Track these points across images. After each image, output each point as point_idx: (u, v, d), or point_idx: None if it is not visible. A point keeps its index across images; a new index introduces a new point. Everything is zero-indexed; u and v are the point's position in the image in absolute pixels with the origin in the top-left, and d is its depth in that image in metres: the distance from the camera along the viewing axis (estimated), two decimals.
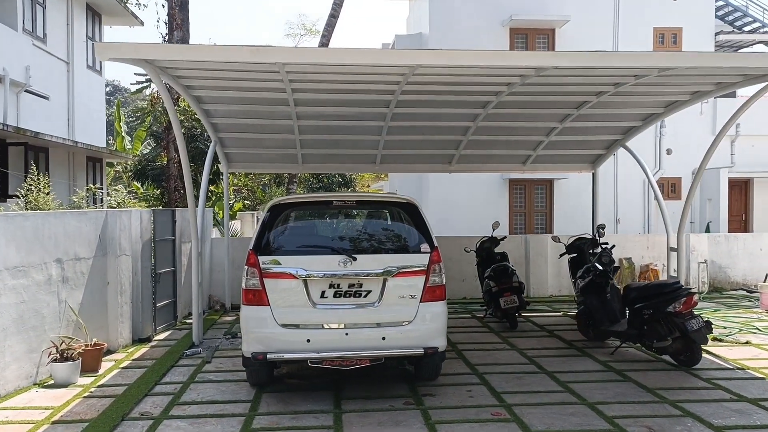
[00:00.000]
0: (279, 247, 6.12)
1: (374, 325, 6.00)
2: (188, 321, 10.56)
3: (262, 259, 6.01)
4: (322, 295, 5.98)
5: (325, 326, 5.98)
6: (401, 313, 6.04)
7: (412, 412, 5.86)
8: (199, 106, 9.20)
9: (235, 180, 26.28)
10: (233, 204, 24.72)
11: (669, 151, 17.51)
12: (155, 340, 9.09)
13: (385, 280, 6.02)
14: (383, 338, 5.96)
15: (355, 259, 5.96)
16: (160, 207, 14.88)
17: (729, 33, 19.23)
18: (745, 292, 13.10)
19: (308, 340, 5.91)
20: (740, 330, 9.24)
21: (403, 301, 6.05)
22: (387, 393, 6.41)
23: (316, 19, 59.55)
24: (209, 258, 11.92)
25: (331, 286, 5.98)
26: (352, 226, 6.72)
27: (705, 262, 13.35)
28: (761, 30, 19.81)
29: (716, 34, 18.29)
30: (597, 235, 9.08)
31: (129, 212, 8.86)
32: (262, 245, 6.10)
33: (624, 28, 17.49)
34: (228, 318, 10.88)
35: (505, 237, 10.92)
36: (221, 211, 20.34)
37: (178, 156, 9.82)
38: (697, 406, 5.94)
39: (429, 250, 6.16)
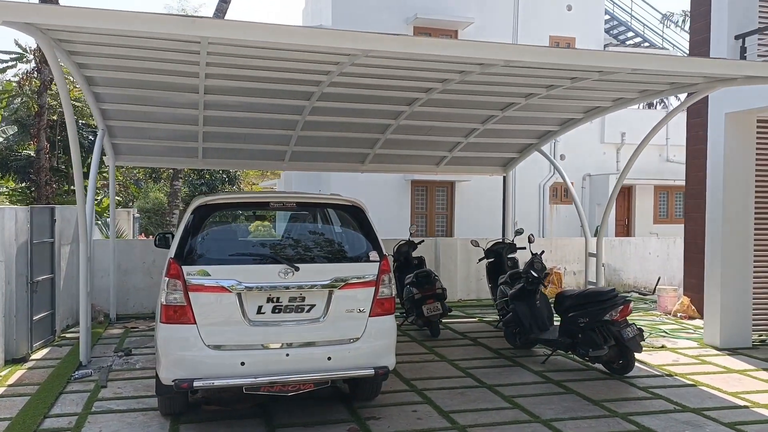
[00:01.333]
0: (207, 255, 5.25)
1: (319, 344, 5.29)
2: (69, 335, 9.24)
3: (186, 269, 5.13)
4: (259, 311, 5.20)
5: (263, 346, 5.19)
6: (348, 330, 5.38)
7: None
8: (90, 88, 8.00)
9: (105, 174, 24.25)
10: (100, 200, 22.76)
11: (563, 157, 18.02)
12: (33, 360, 7.78)
13: (330, 293, 5.33)
14: (329, 358, 5.27)
15: (297, 269, 5.23)
16: (29, 204, 13.14)
17: (616, 46, 20.15)
18: (637, 295, 13.60)
19: (242, 363, 5.10)
20: (650, 334, 9.40)
21: (351, 315, 5.40)
22: (325, 417, 5.73)
23: (199, 5, 56.52)
24: (87, 262, 10.54)
25: (269, 300, 5.21)
26: (291, 231, 5.95)
27: (603, 265, 13.70)
28: (643, 45, 20.97)
29: (605, 46, 19.07)
30: (528, 241, 8.89)
31: (1, 210, 7.50)
32: (186, 253, 5.21)
33: (522, 34, 17.77)
34: (115, 331, 9.65)
35: (423, 240, 10.52)
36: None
37: (51, 145, 8.60)
38: (647, 420, 5.78)
39: (378, 258, 5.55)
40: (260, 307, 5.19)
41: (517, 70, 6.85)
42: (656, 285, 10.40)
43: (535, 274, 7.99)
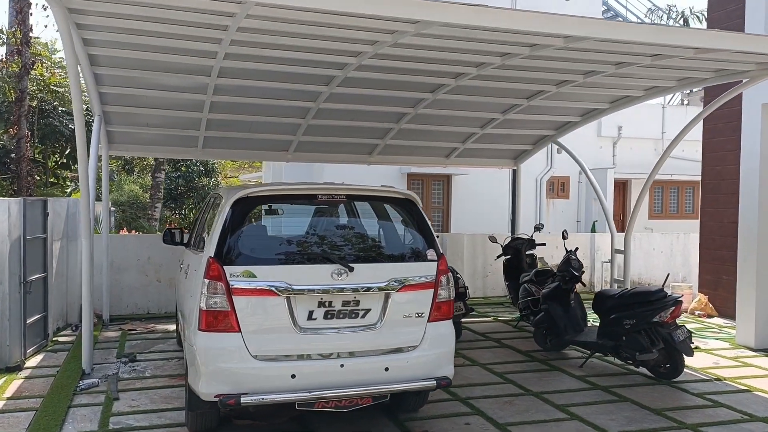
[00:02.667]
0: (252, 255, 4.65)
1: (375, 353, 4.75)
2: (62, 339, 8.51)
3: (229, 270, 4.52)
4: (310, 317, 4.62)
5: (315, 356, 4.62)
6: (407, 337, 4.84)
7: None
8: (91, 69, 7.27)
9: (74, 166, 23.19)
10: (70, 192, 21.73)
11: (559, 150, 17.64)
12: (28, 368, 7.07)
13: (387, 296, 4.78)
14: (386, 369, 4.73)
15: (351, 269, 4.66)
16: (9, 196, 12.25)
17: None
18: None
19: (293, 376, 4.53)
20: None
21: (409, 321, 4.86)
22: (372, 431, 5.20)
23: None
24: (79, 259, 9.79)
25: (320, 304, 4.64)
26: (342, 226, 5.37)
27: (609, 261, 13.38)
28: None
29: None
30: (562, 238, 8.45)
31: None
32: (228, 252, 4.59)
33: None
34: (111, 333, 8.93)
35: (438, 236, 10.02)
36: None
37: (32, 133, 7.81)
38: (723, 430, 5.37)
39: (436, 257, 5.02)
40: (311, 313, 4.62)
41: (565, 52, 6.37)
42: (665, 282, 10.04)
43: (576, 273, 7.55)
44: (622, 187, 18.66)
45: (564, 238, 8.35)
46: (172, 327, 9.27)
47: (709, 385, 6.70)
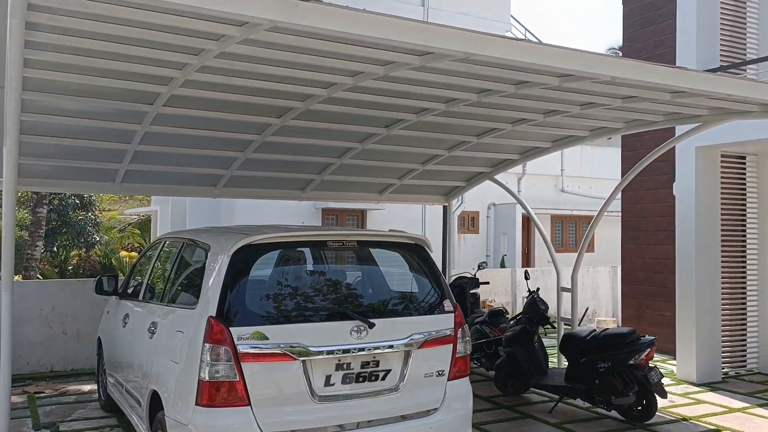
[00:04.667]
0: (261, 313, 4.00)
1: (396, 419, 4.25)
2: None
3: (236, 332, 3.84)
4: (328, 382, 4.04)
5: (334, 428, 4.02)
6: (428, 398, 4.38)
7: None
8: (21, 93, 6.22)
9: None
10: None
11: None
12: None
13: (407, 354, 4.30)
14: None
15: (372, 325, 4.14)
16: None
17: None
18: (564, 325, 13.56)
19: None
20: None
21: (429, 381, 4.40)
22: None
23: None
24: None
25: (338, 366, 4.07)
26: (354, 277, 4.81)
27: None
28: None
29: None
30: (525, 278, 8.30)
31: None
32: (231, 310, 3.92)
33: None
34: (14, 398, 7.58)
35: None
36: None
37: None
38: None
39: (452, 308, 4.61)
40: (329, 377, 4.04)
41: (538, 91, 6.27)
42: (583, 316, 10.25)
43: (546, 315, 7.40)
44: (526, 223, 19.22)
45: (526, 278, 8.22)
46: (87, 387, 8.17)
47: (680, 427, 6.74)
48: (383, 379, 4.21)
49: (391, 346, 4.20)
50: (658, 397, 6.72)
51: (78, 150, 7.89)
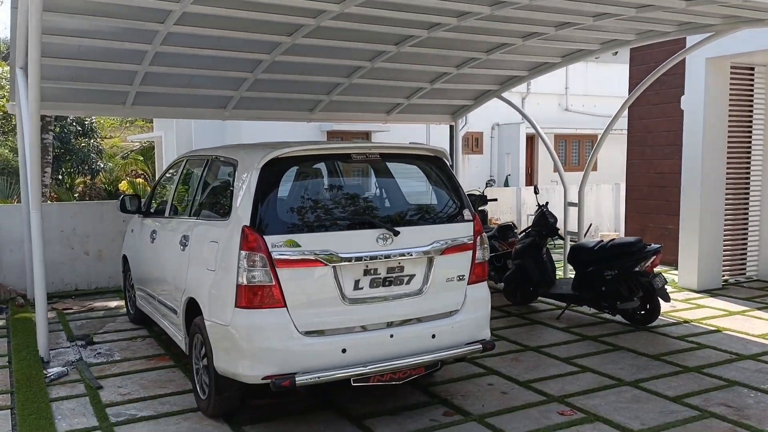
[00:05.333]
0: (292, 222, 4.20)
1: (422, 320, 4.51)
2: None
3: (270, 239, 4.06)
4: (357, 286, 4.29)
5: (364, 328, 4.30)
6: (449, 301, 4.65)
7: (469, 424, 4.57)
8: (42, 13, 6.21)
9: None
10: None
11: None
12: None
13: (431, 260, 4.53)
14: (433, 336, 4.51)
15: (397, 233, 4.35)
16: None
17: None
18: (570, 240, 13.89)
19: (344, 350, 4.20)
20: None
21: (451, 285, 4.65)
22: (404, 402, 4.97)
23: None
24: None
25: (366, 272, 4.31)
26: (378, 187, 4.98)
27: (534, 214, 13.81)
28: None
29: None
30: (534, 192, 8.48)
31: None
32: (264, 220, 4.12)
33: None
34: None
35: None
36: None
37: None
38: (723, 371, 5.66)
39: (471, 217, 4.82)
40: (357, 282, 4.28)
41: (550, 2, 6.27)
42: (587, 231, 10.50)
43: (556, 227, 7.64)
44: (530, 142, 19.27)
45: (536, 193, 8.41)
46: (113, 303, 8.51)
47: (681, 329, 7.07)
48: (408, 283, 4.46)
49: (414, 253, 4.42)
50: (661, 302, 7.04)
51: (90, 72, 7.94)
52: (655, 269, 7.00)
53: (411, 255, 4.40)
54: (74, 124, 23.43)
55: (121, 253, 7.61)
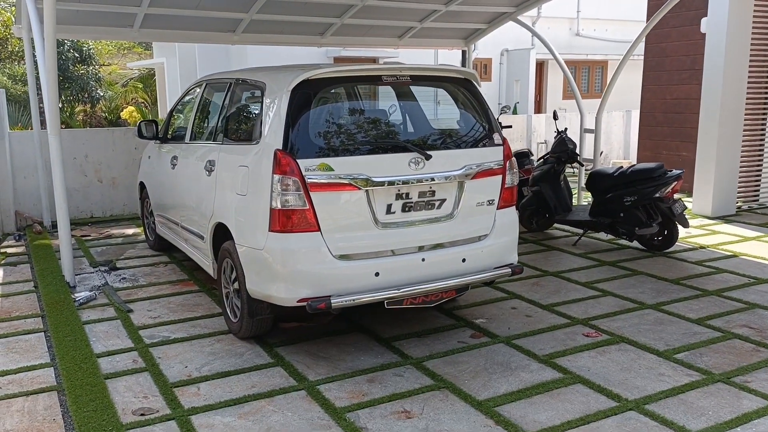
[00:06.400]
0: (324, 146, 4.14)
1: (452, 244, 4.52)
2: (10, 250, 7.56)
3: (303, 163, 4.02)
4: (389, 210, 4.28)
5: (397, 252, 4.32)
6: (479, 225, 4.65)
7: (496, 346, 4.66)
8: None
9: None
10: None
11: None
12: None
13: (461, 184, 4.51)
14: (463, 260, 4.54)
15: (429, 157, 4.31)
16: None
17: None
18: (572, 170, 13.85)
19: (377, 274, 4.23)
20: None
21: (480, 209, 4.64)
22: (430, 325, 5.06)
23: None
24: (9, 159, 8.59)
25: (398, 196, 4.29)
26: (408, 111, 4.90)
27: (545, 142, 13.74)
28: None
29: None
30: (553, 118, 8.34)
31: None
32: (296, 143, 4.07)
33: None
34: None
35: None
36: None
37: None
38: (742, 294, 5.74)
39: (501, 141, 4.76)
40: (390, 206, 4.27)
41: None
42: (599, 158, 10.44)
43: (576, 153, 7.58)
44: (539, 69, 18.92)
45: (555, 118, 8.30)
46: (130, 231, 8.55)
47: (698, 254, 7.13)
48: (439, 207, 4.45)
49: (446, 177, 4.38)
50: (679, 228, 7.07)
51: None
52: (675, 195, 6.98)
53: (443, 179, 4.37)
54: (72, 50, 22.95)
55: (138, 180, 7.57)
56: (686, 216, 7.05)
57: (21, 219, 8.69)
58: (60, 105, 23.37)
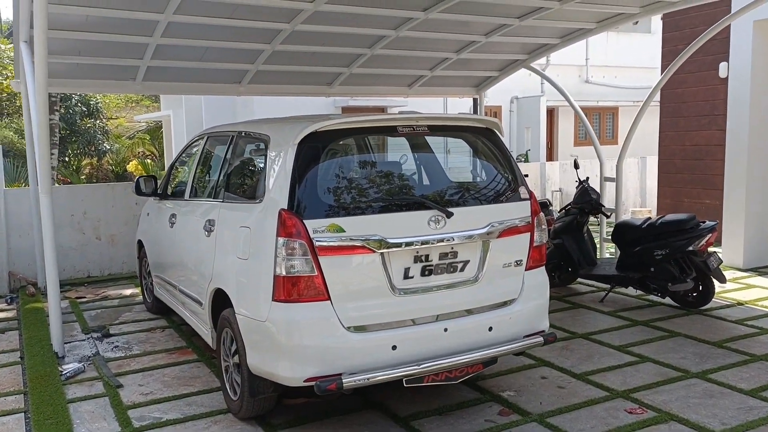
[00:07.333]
0: (334, 204, 3.72)
1: (477, 311, 4.05)
2: None
3: (311, 224, 3.59)
4: (406, 275, 3.82)
5: (416, 322, 3.85)
6: (506, 288, 4.18)
7: (529, 426, 4.13)
8: None
9: None
10: None
11: None
12: None
13: (486, 244, 4.06)
14: (490, 328, 4.06)
15: (450, 214, 3.88)
16: None
17: None
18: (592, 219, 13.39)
19: (394, 347, 3.74)
20: None
21: (507, 271, 4.18)
22: (454, 400, 4.54)
23: None
24: (3, 217, 8.24)
25: (417, 259, 3.84)
26: (427, 164, 4.50)
27: (559, 190, 13.34)
28: None
29: None
30: (574, 167, 7.95)
31: None
32: (303, 202, 3.65)
33: None
34: None
35: None
36: None
37: None
38: None
39: (528, 195, 4.34)
40: (407, 270, 3.82)
41: None
42: (621, 207, 10.00)
43: (600, 204, 7.15)
44: (549, 115, 18.66)
45: (576, 167, 7.90)
46: (128, 291, 8.11)
47: (737, 311, 6.61)
48: (462, 270, 3.99)
49: (469, 236, 3.95)
50: (716, 283, 6.57)
51: (98, 45, 7.45)
52: (709, 248, 6.51)
53: (465, 239, 3.93)
54: (79, 104, 22.96)
55: (136, 238, 7.17)
56: (722, 270, 6.55)
57: (14, 280, 8.27)
58: (66, 159, 23.32)
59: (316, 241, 3.58)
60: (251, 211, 3.99)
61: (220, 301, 4.39)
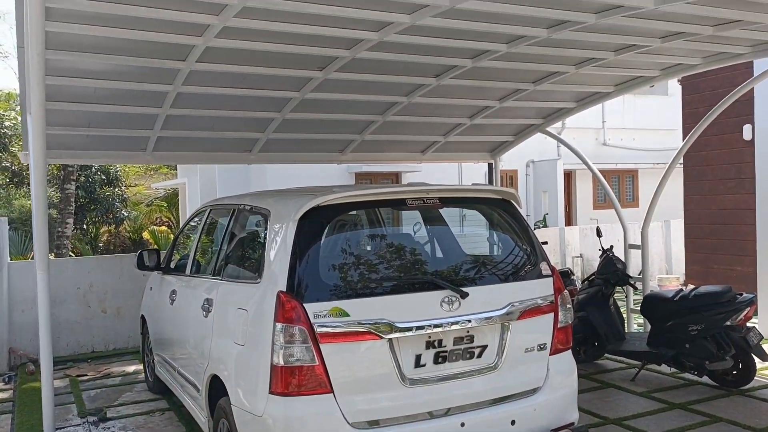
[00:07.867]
0: (338, 286, 3.40)
1: (497, 402, 3.65)
2: None
3: (312, 308, 3.27)
4: (418, 362, 3.46)
5: (428, 415, 3.45)
6: (529, 376, 3.79)
7: None
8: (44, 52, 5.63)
9: None
10: None
11: None
12: None
13: (504, 327, 3.69)
14: (513, 422, 3.64)
15: (465, 295, 3.53)
16: None
17: None
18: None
19: None
20: None
21: (530, 356, 3.80)
22: None
23: None
24: (6, 291, 8.01)
25: (429, 344, 3.48)
26: (438, 239, 4.19)
27: (580, 256, 12.92)
28: None
29: None
30: (597, 235, 7.61)
31: None
32: (303, 283, 3.33)
33: None
34: (57, 382, 7.20)
35: None
36: None
37: None
38: None
39: (550, 272, 3.99)
40: (419, 357, 3.46)
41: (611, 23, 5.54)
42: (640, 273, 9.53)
43: (627, 275, 6.75)
44: (567, 179, 18.39)
45: (599, 236, 7.54)
46: (132, 368, 7.75)
47: None
48: (479, 356, 3.62)
49: (487, 318, 3.59)
50: (757, 360, 6.08)
51: (107, 117, 7.35)
52: (748, 323, 6.05)
53: (483, 321, 3.57)
54: (99, 173, 23.19)
55: (140, 313, 6.88)
56: (763, 347, 6.07)
57: (15, 357, 7.98)
58: (84, 227, 23.35)
59: (318, 326, 3.25)
60: (249, 291, 3.68)
61: (218, 387, 4.04)
